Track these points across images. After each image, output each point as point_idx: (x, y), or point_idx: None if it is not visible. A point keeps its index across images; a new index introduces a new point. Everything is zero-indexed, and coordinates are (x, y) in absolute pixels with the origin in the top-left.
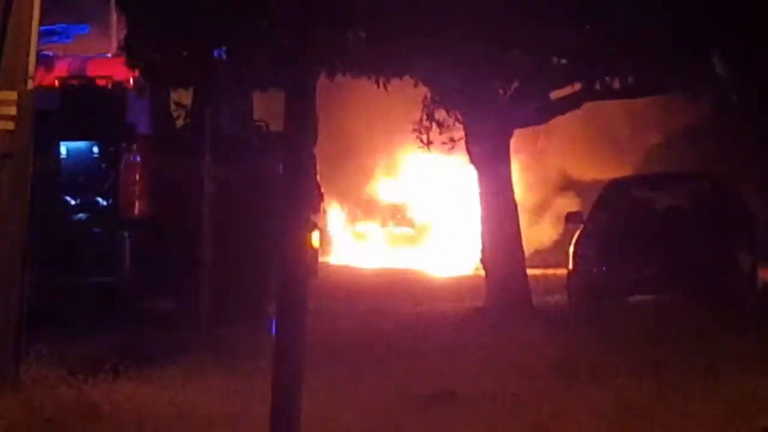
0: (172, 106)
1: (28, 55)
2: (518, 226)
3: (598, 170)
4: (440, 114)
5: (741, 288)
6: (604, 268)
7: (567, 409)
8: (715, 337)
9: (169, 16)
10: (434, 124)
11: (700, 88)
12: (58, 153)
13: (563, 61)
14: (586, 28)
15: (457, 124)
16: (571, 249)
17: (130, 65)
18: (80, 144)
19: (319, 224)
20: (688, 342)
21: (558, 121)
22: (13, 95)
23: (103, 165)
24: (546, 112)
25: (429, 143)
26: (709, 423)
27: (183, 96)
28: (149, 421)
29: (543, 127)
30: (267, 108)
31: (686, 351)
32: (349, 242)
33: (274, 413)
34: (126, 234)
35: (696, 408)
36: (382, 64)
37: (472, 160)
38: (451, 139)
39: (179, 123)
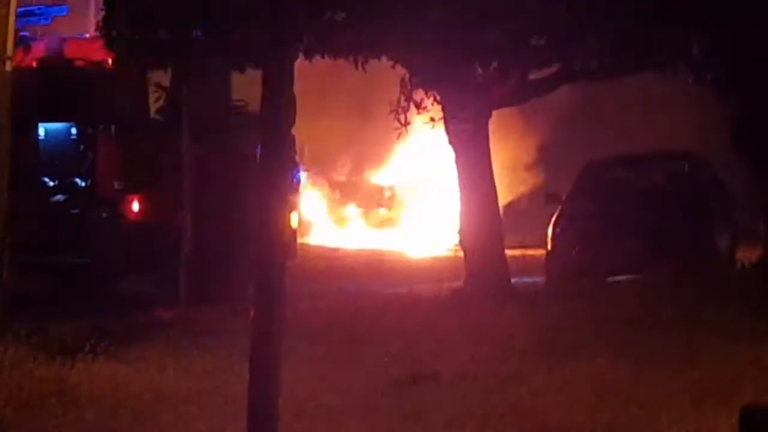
0: (151, 87)
1: (6, 36)
2: (497, 206)
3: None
4: (418, 94)
5: (719, 266)
6: (582, 249)
7: (546, 389)
8: (694, 315)
9: None
10: (412, 105)
11: (677, 66)
12: (37, 134)
13: (541, 41)
14: (562, 6)
15: (435, 104)
16: (550, 229)
17: (108, 46)
18: (58, 125)
19: (298, 205)
20: (667, 320)
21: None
22: None
23: (82, 146)
24: (524, 93)
25: (407, 124)
26: (687, 402)
27: (162, 77)
28: (128, 402)
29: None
30: (246, 89)
31: (665, 329)
32: (328, 223)
33: (251, 393)
34: (104, 215)
35: (674, 386)
36: (358, 46)
37: (451, 141)
38: (431, 119)
39: (158, 104)
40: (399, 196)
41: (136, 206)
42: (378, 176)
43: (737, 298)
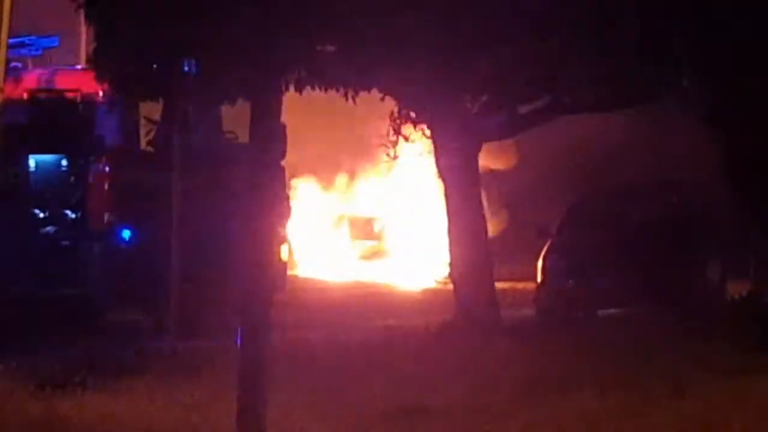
0: (142, 121)
1: None
2: (486, 239)
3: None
4: (408, 128)
5: (709, 299)
6: (572, 281)
7: (535, 422)
8: (683, 348)
9: (136, 28)
10: (401, 138)
11: (667, 99)
12: (27, 166)
13: (530, 74)
14: (552, 38)
15: (424, 137)
16: (540, 262)
17: (99, 78)
18: (49, 157)
19: (287, 237)
20: (656, 353)
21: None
22: None
23: (72, 178)
24: (514, 126)
25: (395, 157)
26: None
27: (152, 110)
28: None
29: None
30: (235, 121)
31: (654, 362)
32: (318, 255)
33: (240, 426)
34: (94, 246)
35: (662, 420)
36: (350, 77)
37: (440, 175)
38: (420, 154)
39: (148, 137)
40: (388, 228)
41: (126, 238)
42: (367, 208)
43: (726, 331)
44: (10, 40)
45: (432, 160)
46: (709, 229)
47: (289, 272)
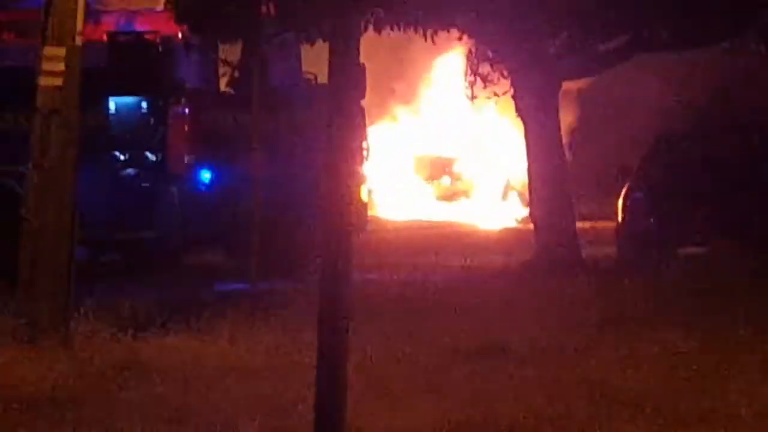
0: (220, 63)
1: (75, 10)
2: (567, 179)
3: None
4: (484, 68)
5: None
6: (653, 220)
7: (615, 362)
8: (762, 286)
9: None
10: (478, 79)
11: (746, 35)
12: (107, 108)
13: (609, 11)
14: None
15: (501, 79)
16: (620, 202)
17: (178, 20)
18: (129, 99)
19: (367, 177)
20: (735, 292)
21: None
22: (61, 51)
23: (152, 120)
24: (594, 65)
25: (474, 98)
26: (756, 372)
27: (230, 52)
28: (197, 376)
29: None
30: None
31: (733, 301)
32: (396, 196)
33: (320, 366)
34: (174, 189)
35: (743, 358)
36: (428, 17)
37: (520, 114)
38: (495, 94)
39: (226, 79)
40: (466, 168)
41: (206, 180)
42: (445, 149)
43: None
44: None
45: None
46: None
47: (369, 213)
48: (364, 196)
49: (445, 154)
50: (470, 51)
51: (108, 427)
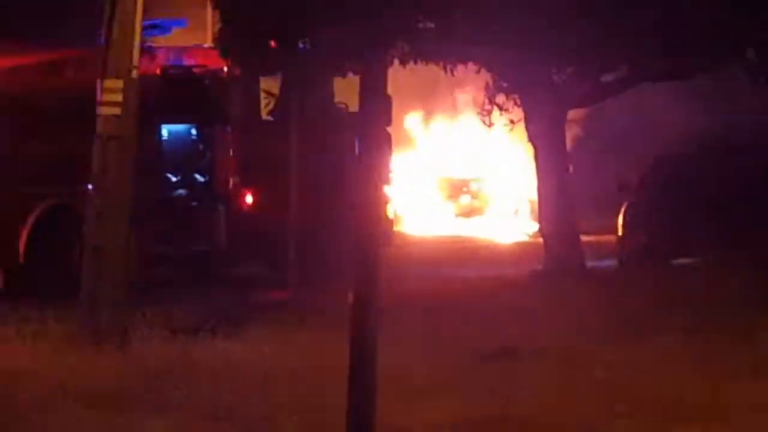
0: (262, 93)
1: (132, 47)
2: (573, 197)
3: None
4: (500, 98)
5: None
6: (650, 235)
7: (618, 364)
8: (753, 295)
9: (258, 11)
10: (495, 107)
11: (735, 67)
12: (160, 135)
13: (611, 44)
14: (629, 12)
15: (515, 107)
16: (620, 217)
17: (223, 55)
18: (180, 127)
19: (391, 197)
20: (729, 300)
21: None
22: (119, 83)
23: (200, 146)
24: (597, 94)
25: (491, 125)
26: (749, 374)
27: (271, 84)
28: (242, 376)
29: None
30: (346, 92)
31: (726, 309)
32: (419, 213)
33: (352, 365)
34: (221, 207)
35: (738, 361)
36: (449, 51)
37: (531, 139)
38: (511, 121)
39: (268, 108)
40: (482, 188)
41: (249, 199)
42: (463, 170)
43: None
44: (144, 23)
45: (522, 127)
46: None
47: (395, 229)
48: (390, 214)
49: (463, 175)
50: (487, 83)
51: (160, 419)
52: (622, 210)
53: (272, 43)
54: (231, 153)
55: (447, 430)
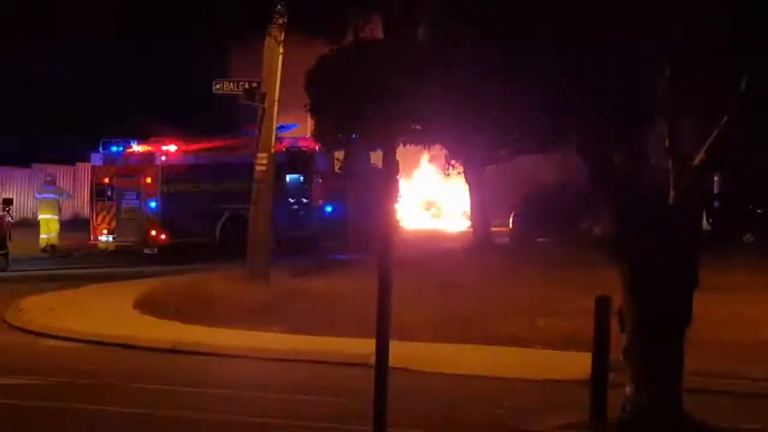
0: (335, 159)
1: (271, 137)
2: (487, 211)
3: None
4: (452, 160)
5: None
6: (526, 227)
7: (505, 288)
8: (577, 257)
9: (333, 116)
10: (449, 165)
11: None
12: (285, 181)
13: (503, 132)
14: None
15: (459, 164)
16: (511, 218)
17: (316, 140)
18: (295, 176)
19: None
20: (563, 259)
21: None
22: (265, 155)
23: (306, 186)
24: (500, 159)
25: (448, 174)
26: (576, 292)
27: (339, 155)
28: (327, 296)
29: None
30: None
31: (564, 263)
32: (412, 217)
33: (379, 287)
34: (315, 215)
35: (567, 285)
36: (427, 139)
37: (467, 182)
38: (457, 171)
39: (338, 167)
40: (442, 205)
41: (328, 209)
42: (433, 195)
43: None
44: (277, 125)
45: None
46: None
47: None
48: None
49: (433, 198)
50: (446, 154)
51: (286, 320)
52: (512, 216)
53: (339, 135)
54: (321, 188)
55: (420, 323)
